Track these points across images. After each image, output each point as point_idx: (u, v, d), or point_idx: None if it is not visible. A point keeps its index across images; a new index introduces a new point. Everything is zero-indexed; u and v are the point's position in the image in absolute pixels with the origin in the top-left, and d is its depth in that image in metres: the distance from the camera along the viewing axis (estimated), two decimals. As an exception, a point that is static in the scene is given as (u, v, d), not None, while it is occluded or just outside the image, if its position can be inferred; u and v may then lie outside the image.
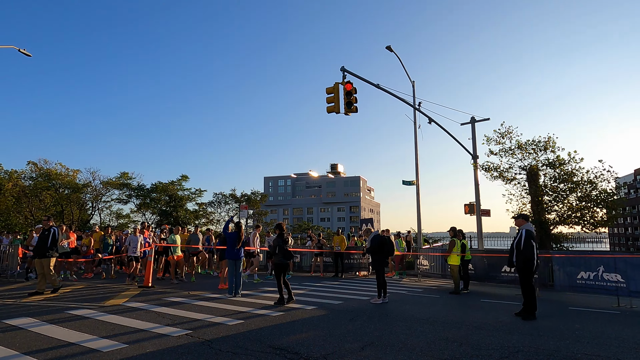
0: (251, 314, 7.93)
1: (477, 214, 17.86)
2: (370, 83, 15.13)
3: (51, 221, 10.47)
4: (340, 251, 16.82)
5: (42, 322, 6.84)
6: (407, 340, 6.02)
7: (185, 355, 5.08)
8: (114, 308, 8.34)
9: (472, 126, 18.35)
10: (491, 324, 7.28)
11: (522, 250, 8.08)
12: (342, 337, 6.15)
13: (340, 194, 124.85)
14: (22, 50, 18.78)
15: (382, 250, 9.90)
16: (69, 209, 34.79)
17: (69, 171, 35.88)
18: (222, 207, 39.44)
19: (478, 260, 14.52)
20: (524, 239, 8.11)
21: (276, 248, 9.26)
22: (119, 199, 36.99)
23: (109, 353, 5.14)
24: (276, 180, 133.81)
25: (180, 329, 6.46)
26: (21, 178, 34.45)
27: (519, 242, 8.16)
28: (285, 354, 5.19)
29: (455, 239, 12.44)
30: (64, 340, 5.74)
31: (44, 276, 10.05)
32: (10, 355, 5.00)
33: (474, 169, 17.91)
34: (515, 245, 8.22)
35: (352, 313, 8.17)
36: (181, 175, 36.92)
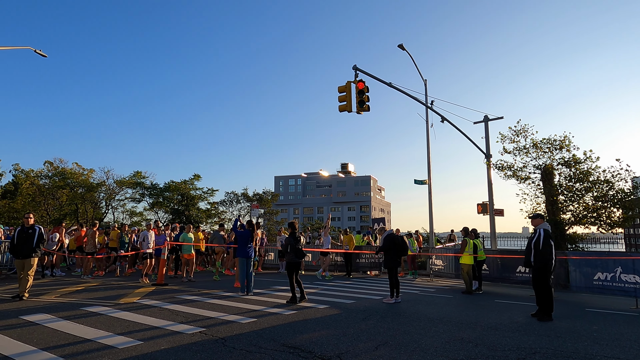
0: (264, 312, 7.94)
1: (490, 214, 17.67)
2: (383, 82, 15.06)
3: (32, 219, 9.48)
4: (349, 251, 16.77)
5: (58, 319, 6.94)
6: (422, 340, 5.97)
7: (199, 353, 5.09)
8: (129, 305, 8.42)
9: (486, 125, 18.14)
10: (506, 325, 7.18)
11: (540, 250, 7.94)
12: (356, 337, 6.12)
13: (350, 194, 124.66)
14: (38, 51, 19.08)
15: (394, 249, 9.83)
16: (83, 207, 35.30)
17: (84, 170, 36.40)
18: (234, 206, 39.62)
19: (491, 260, 14.37)
20: (543, 239, 7.98)
21: (288, 247, 9.26)
22: (132, 198, 37.40)
23: (124, 349, 5.18)
24: (287, 179, 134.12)
25: (194, 327, 6.50)
26: (38, 177, 35.05)
27: (538, 241, 8.02)
28: (298, 353, 5.18)
29: (467, 239, 12.32)
30: (80, 336, 5.81)
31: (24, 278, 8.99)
32: (29, 350, 5.08)
33: (487, 168, 17.72)
34: (533, 245, 8.06)
35: (364, 312, 8.13)
36: (193, 175, 37.18)
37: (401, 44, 18.42)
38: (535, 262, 8.03)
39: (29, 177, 34.88)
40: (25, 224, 9.33)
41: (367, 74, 14.54)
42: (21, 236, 9.18)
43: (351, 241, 17.06)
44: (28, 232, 9.21)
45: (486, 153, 17.69)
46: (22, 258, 9.07)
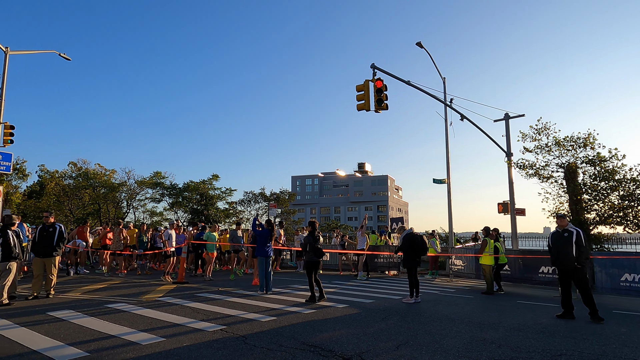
0: (283, 311, 7.96)
1: (512, 213, 17.35)
2: (401, 80, 14.94)
3: (52, 218, 9.61)
4: (364, 251, 16.69)
5: (83, 315, 7.10)
6: (443, 340, 5.89)
7: (220, 350, 5.14)
8: (151, 303, 8.56)
9: (506, 123, 17.82)
10: (530, 326, 7.03)
11: (584, 248, 7.76)
12: (376, 336, 6.08)
13: (367, 193, 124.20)
14: (62, 55, 19.57)
15: (413, 249, 9.74)
16: (105, 207, 36.09)
17: (106, 171, 37.21)
18: (252, 206, 39.94)
19: (513, 260, 14.12)
20: (583, 237, 7.83)
21: (307, 246, 9.27)
22: (152, 198, 38.09)
23: (147, 346, 5.26)
24: (303, 179, 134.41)
25: (214, 324, 6.56)
26: (62, 178, 35.98)
27: (579, 239, 7.79)
28: (319, 352, 5.18)
29: (487, 239, 12.12)
30: (104, 332, 5.93)
31: (40, 277, 9.04)
32: (56, 345, 5.21)
33: (508, 167, 17.40)
34: (575, 243, 7.77)
35: (384, 312, 8.08)
36: (212, 175, 37.64)
37: (419, 42, 18.24)
38: (580, 261, 7.76)
39: (53, 178, 35.85)
40: (46, 223, 9.40)
41: (385, 72, 14.45)
42: (42, 234, 9.21)
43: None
44: (49, 231, 9.25)
45: (507, 151, 17.38)
46: (43, 256, 9.10)
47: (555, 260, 8.11)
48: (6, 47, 16.75)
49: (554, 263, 8.18)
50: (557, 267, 8.15)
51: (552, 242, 8.27)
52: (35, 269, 9.09)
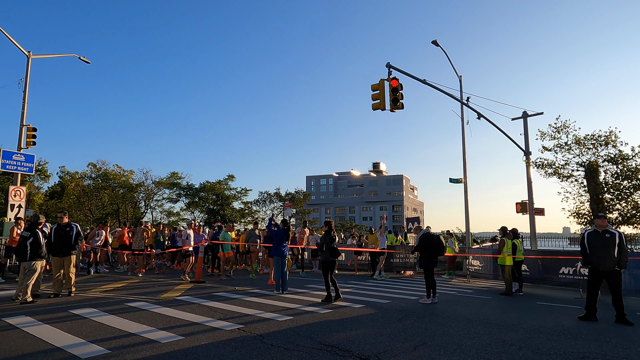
0: (300, 310, 7.98)
1: (530, 213, 17.06)
2: (417, 79, 14.83)
3: (66, 218, 9.63)
4: (374, 249, 16.63)
5: (104, 313, 7.23)
6: (461, 341, 5.83)
7: (238, 349, 5.18)
8: (169, 301, 8.67)
9: (524, 121, 17.54)
10: (551, 328, 6.90)
11: (624, 252, 7.55)
12: (393, 336, 6.05)
13: (382, 193, 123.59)
14: (82, 58, 19.99)
15: (429, 248, 9.66)
16: (124, 207, 36.72)
17: (124, 172, 37.85)
18: (267, 206, 40.19)
19: (532, 261, 13.88)
20: (624, 239, 7.64)
21: (323, 245, 9.27)
22: (169, 198, 38.64)
23: (166, 344, 5.33)
24: (318, 179, 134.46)
25: (232, 323, 6.61)
26: (82, 178, 36.74)
27: (622, 241, 7.58)
28: (336, 351, 5.17)
29: (504, 239, 11.94)
30: (124, 330, 6.03)
31: (60, 276, 9.16)
32: (79, 342, 5.32)
33: (527, 166, 17.13)
34: (618, 246, 7.56)
35: (401, 312, 8.03)
36: (227, 175, 38.01)
37: (435, 40, 18.09)
38: (621, 264, 7.54)
39: (74, 179, 36.63)
40: (60, 223, 9.46)
41: (400, 71, 14.37)
42: (58, 234, 9.25)
43: (377, 241, 16.90)
44: (65, 230, 9.32)
45: (525, 150, 17.10)
46: (62, 256, 9.17)
47: (593, 261, 7.73)
48: (28, 51, 17.17)
49: (590, 264, 7.79)
50: (594, 268, 7.76)
51: (589, 243, 7.88)
52: (55, 268, 9.21)
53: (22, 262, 8.48)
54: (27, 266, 8.40)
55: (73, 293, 9.24)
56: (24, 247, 8.50)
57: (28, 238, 8.54)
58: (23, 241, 8.55)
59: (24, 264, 8.44)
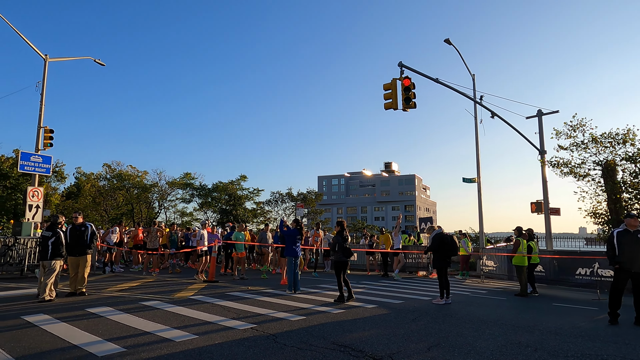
0: (312, 310, 7.98)
1: (546, 213, 16.81)
2: (429, 77, 14.73)
3: (81, 218, 9.77)
4: (385, 250, 16.56)
5: (119, 312, 7.33)
6: (476, 342, 5.76)
7: (251, 349, 5.20)
8: (183, 300, 8.75)
9: (539, 119, 17.29)
10: (567, 330, 6.78)
11: None
12: (406, 337, 6.01)
13: (394, 193, 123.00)
14: (97, 61, 20.28)
15: (442, 249, 9.58)
16: (138, 207, 37.18)
17: (138, 172, 38.33)
18: (279, 206, 40.31)
19: (547, 262, 13.68)
20: None
21: (336, 245, 9.26)
22: (182, 198, 38.99)
23: (180, 343, 5.38)
24: (330, 179, 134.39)
25: (245, 323, 6.64)
26: (97, 179, 37.32)
27: None
28: (349, 352, 5.16)
29: (520, 239, 11.78)
30: (139, 329, 6.10)
31: (76, 275, 9.28)
32: (95, 341, 5.40)
33: (542, 165, 16.88)
34: None
35: (414, 313, 7.97)
36: (240, 175, 38.20)
37: (447, 39, 17.94)
38: None
39: (89, 180, 37.22)
40: (75, 223, 9.57)
41: (413, 70, 14.28)
42: (74, 234, 9.37)
43: (388, 240, 16.82)
44: (80, 230, 9.45)
45: (540, 149, 16.86)
46: (77, 255, 9.30)
47: (623, 261, 7.49)
48: (45, 54, 17.49)
49: (619, 264, 7.54)
50: (622, 268, 7.51)
51: (619, 242, 7.62)
52: (71, 267, 9.36)
53: (43, 261, 8.64)
54: (47, 265, 8.57)
55: (85, 292, 9.37)
56: (45, 246, 8.67)
57: (50, 237, 8.72)
58: (45, 241, 8.72)
59: (45, 263, 8.61)
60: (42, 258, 8.67)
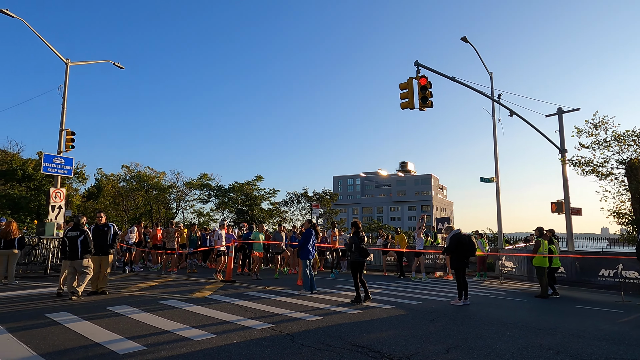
0: (329, 310, 7.98)
1: (567, 213, 16.46)
2: (446, 76, 14.57)
3: (104, 218, 9.98)
4: (401, 250, 16.42)
5: (139, 311, 7.45)
6: (496, 344, 5.67)
7: (269, 348, 5.22)
8: (201, 300, 8.85)
9: (559, 118, 16.94)
10: (591, 332, 6.63)
11: None
12: (425, 338, 5.96)
13: (410, 193, 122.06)
14: (116, 64, 20.70)
15: (460, 249, 9.47)
16: (156, 208, 37.75)
17: (156, 173, 38.91)
18: (295, 206, 40.43)
19: (569, 262, 13.39)
20: None
21: (352, 246, 9.23)
22: (199, 199, 39.42)
23: (199, 342, 5.44)
24: (345, 179, 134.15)
25: (262, 322, 6.68)
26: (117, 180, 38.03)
27: None
28: (367, 352, 5.14)
29: (540, 240, 11.56)
30: (159, 327, 6.19)
31: (98, 274, 9.41)
32: (116, 339, 5.50)
33: (562, 164, 16.54)
34: None
35: (432, 314, 7.90)
36: (256, 176, 38.44)
37: (464, 37, 17.72)
38: None
39: (109, 181, 37.94)
40: (98, 223, 9.75)
41: (429, 69, 14.15)
42: (97, 234, 9.52)
43: (403, 241, 16.69)
44: (103, 230, 9.63)
45: (561, 148, 16.52)
46: (101, 255, 9.46)
47: None
48: (67, 58, 17.91)
49: None
50: None
51: None
52: (94, 266, 9.52)
53: (73, 260, 8.80)
54: (77, 264, 8.75)
55: (106, 290, 9.55)
56: (75, 246, 8.84)
57: (79, 236, 8.90)
58: (73, 240, 8.89)
59: (75, 262, 8.78)
60: (72, 258, 8.78)
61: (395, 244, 16.90)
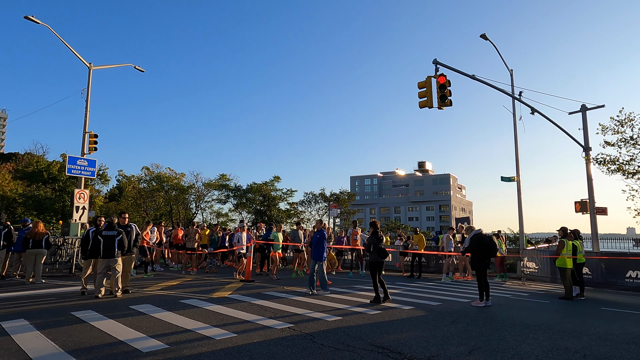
0: (348, 311, 7.95)
1: (591, 213, 16.02)
2: (465, 74, 14.36)
3: (127, 219, 10.18)
4: (418, 251, 16.23)
5: (161, 309, 7.56)
6: (519, 347, 5.56)
7: (290, 348, 5.23)
8: (221, 300, 8.93)
9: (583, 115, 16.51)
10: (618, 335, 6.43)
11: None
12: (446, 340, 5.88)
13: (429, 193, 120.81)
14: (137, 67, 21.10)
15: (481, 249, 9.31)
16: (176, 208, 38.29)
17: (176, 174, 39.44)
18: (312, 206, 40.44)
19: (594, 264, 13.05)
20: None
21: (371, 246, 9.18)
22: (218, 199, 39.78)
23: (220, 341, 5.49)
24: (362, 179, 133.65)
25: (282, 322, 6.70)
26: (138, 182, 38.71)
27: None
28: (388, 353, 5.10)
29: (564, 240, 11.28)
30: (181, 326, 6.28)
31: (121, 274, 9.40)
32: (140, 337, 5.59)
33: (586, 163, 16.11)
34: None
35: (453, 315, 7.79)
36: (273, 176, 38.58)
37: (484, 34, 17.44)
38: None
39: (130, 182, 38.66)
40: (121, 223, 9.91)
41: (448, 67, 13.98)
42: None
43: (421, 241, 16.50)
44: (127, 230, 9.78)
45: (584, 146, 16.09)
46: (124, 255, 9.55)
47: None
48: (89, 63, 18.33)
49: None
50: None
51: None
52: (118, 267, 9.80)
53: (110, 258, 8.99)
54: (113, 262, 8.97)
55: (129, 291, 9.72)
56: (111, 244, 9.05)
57: (116, 236, 9.12)
58: (110, 239, 9.09)
59: (111, 260, 8.99)
60: (108, 256, 8.99)
61: (413, 245, 16.74)
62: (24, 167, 34.52)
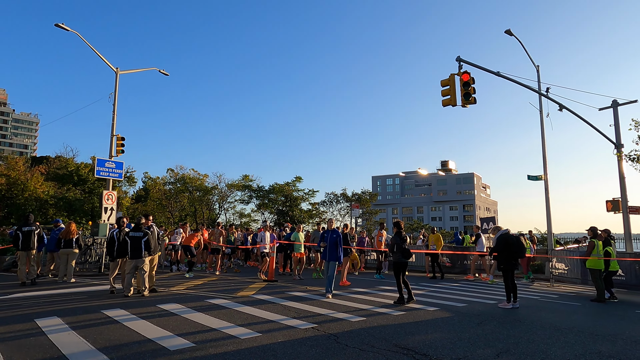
0: (372, 311, 7.90)
1: (624, 212, 15.45)
2: (489, 71, 14.07)
3: (150, 220, 10.40)
4: (436, 251, 15.94)
5: (187, 309, 7.69)
6: (549, 350, 5.40)
7: (314, 348, 5.23)
8: (245, 299, 9.02)
9: (615, 111, 15.94)
10: (655, 340, 6.17)
11: None
12: (472, 342, 5.77)
13: (452, 192, 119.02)
14: (161, 71, 21.55)
15: (508, 250, 9.10)
16: (200, 209, 38.91)
17: (200, 175, 40.10)
18: (334, 207, 40.44)
19: (628, 265, 12.57)
20: None
21: (394, 246, 9.11)
22: (241, 200, 40.25)
23: (245, 340, 5.54)
24: (384, 179, 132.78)
25: (306, 322, 6.71)
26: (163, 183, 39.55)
27: None
28: (413, 355, 5.04)
29: (594, 240, 10.91)
30: (206, 325, 6.37)
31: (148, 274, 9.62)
32: (167, 335, 5.70)
33: (618, 160, 15.54)
34: None
35: (479, 317, 7.64)
36: (295, 177, 38.79)
37: (508, 30, 17.05)
38: None
39: (156, 184, 39.52)
40: (145, 225, 10.13)
41: (471, 64, 13.73)
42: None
43: (438, 241, 16.21)
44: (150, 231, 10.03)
45: (616, 143, 15.54)
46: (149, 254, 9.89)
47: None
48: (116, 67, 18.82)
49: None
50: None
51: None
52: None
53: (137, 259, 9.23)
54: (140, 262, 9.21)
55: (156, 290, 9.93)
56: (138, 245, 9.29)
57: (142, 237, 9.36)
58: (137, 240, 9.33)
59: (139, 261, 9.23)
60: (136, 257, 9.23)
61: (430, 244, 16.47)
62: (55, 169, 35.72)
